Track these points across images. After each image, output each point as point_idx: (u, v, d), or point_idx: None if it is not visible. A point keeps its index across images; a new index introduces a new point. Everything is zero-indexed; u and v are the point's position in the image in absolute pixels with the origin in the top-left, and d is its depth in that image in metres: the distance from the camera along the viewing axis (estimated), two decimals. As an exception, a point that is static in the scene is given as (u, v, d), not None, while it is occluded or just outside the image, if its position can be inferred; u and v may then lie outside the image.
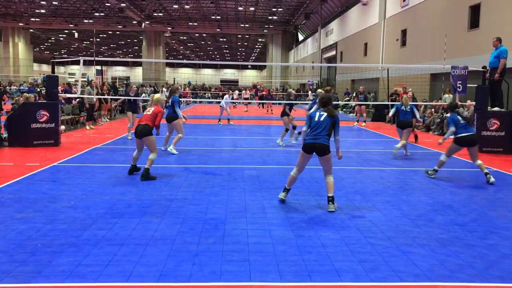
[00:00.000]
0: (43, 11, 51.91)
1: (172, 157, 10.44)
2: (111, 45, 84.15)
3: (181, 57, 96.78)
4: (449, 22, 20.43)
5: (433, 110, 18.50)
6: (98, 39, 72.71)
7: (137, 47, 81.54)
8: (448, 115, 8.91)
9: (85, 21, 56.88)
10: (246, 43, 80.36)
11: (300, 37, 61.85)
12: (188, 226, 5.31)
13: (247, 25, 58.72)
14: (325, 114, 6.28)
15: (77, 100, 18.16)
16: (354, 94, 28.09)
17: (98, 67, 29.09)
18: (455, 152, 8.67)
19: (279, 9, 50.92)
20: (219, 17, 54.47)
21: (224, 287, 3.76)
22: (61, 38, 73.80)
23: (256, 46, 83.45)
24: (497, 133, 11.99)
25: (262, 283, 3.83)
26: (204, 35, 70.00)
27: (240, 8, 49.45)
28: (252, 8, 49.59)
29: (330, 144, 6.22)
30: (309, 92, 31.18)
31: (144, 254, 4.40)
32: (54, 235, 4.90)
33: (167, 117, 10.77)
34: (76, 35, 62.73)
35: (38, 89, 31.32)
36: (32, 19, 56.12)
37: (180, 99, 13.38)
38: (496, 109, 12.38)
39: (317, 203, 6.49)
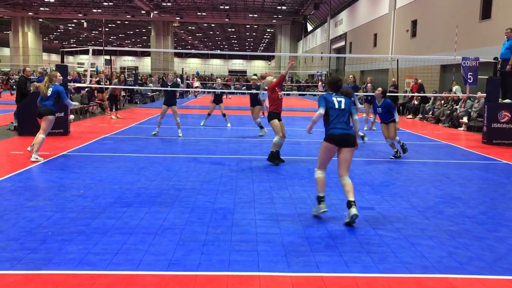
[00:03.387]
0: (52, 0, 51.98)
1: (180, 147, 10.46)
2: (120, 35, 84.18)
3: (189, 47, 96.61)
4: (461, 12, 20.16)
5: (442, 102, 18.32)
6: (106, 29, 72.75)
7: (145, 37, 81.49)
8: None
9: (94, 10, 56.87)
10: (254, 34, 79.98)
11: (309, 28, 61.42)
12: (197, 215, 5.33)
13: (255, 15, 58.34)
14: (343, 99, 5.36)
15: (86, 89, 18.31)
16: (364, 85, 27.87)
17: (107, 57, 29.08)
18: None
19: (288, -1, 50.59)
20: (227, 7, 54.20)
21: (232, 276, 3.78)
22: (70, 28, 73.92)
23: (265, 37, 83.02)
24: (508, 125, 11.87)
25: (270, 273, 3.84)
26: (213, 25, 69.73)
27: (249, -2, 49.17)
28: (261, -2, 49.30)
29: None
30: (319, 83, 31.05)
31: (153, 243, 4.43)
32: (64, 223, 4.95)
33: (40, 110, 8.54)
34: (85, 24, 62.75)
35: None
36: (41, 8, 56.23)
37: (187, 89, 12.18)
38: (507, 101, 12.24)
39: (325, 194, 6.45)
